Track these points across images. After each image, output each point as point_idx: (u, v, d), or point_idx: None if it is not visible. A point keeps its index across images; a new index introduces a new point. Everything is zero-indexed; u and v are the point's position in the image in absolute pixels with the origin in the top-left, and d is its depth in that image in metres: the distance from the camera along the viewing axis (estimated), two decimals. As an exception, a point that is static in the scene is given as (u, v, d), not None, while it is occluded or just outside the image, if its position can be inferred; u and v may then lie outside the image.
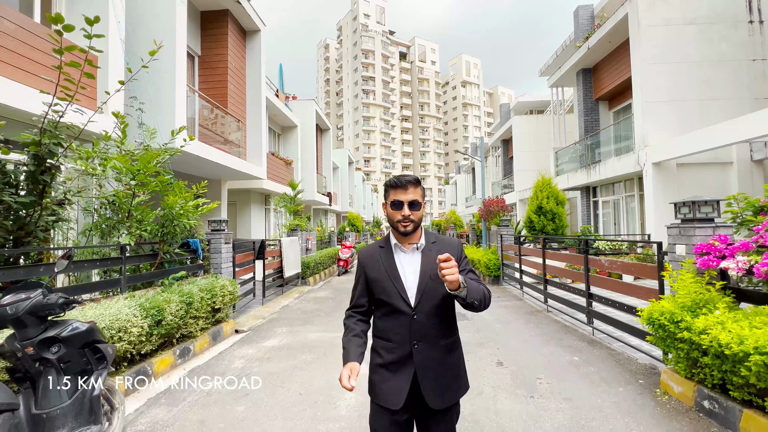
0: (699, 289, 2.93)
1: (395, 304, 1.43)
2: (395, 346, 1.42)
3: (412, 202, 1.43)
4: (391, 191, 1.47)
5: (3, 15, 4.14)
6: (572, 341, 4.75)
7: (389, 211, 1.48)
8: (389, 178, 1.48)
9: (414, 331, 1.41)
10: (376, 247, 1.57)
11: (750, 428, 2.43)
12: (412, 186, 1.45)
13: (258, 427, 2.85)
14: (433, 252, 1.47)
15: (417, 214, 1.45)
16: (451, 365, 1.46)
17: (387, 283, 1.46)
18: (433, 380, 1.40)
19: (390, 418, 1.41)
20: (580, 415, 2.92)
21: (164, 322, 3.94)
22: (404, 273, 1.46)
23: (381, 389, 1.42)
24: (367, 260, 1.55)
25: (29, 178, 2.82)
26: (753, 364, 2.26)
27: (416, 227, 1.47)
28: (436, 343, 1.43)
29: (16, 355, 2.19)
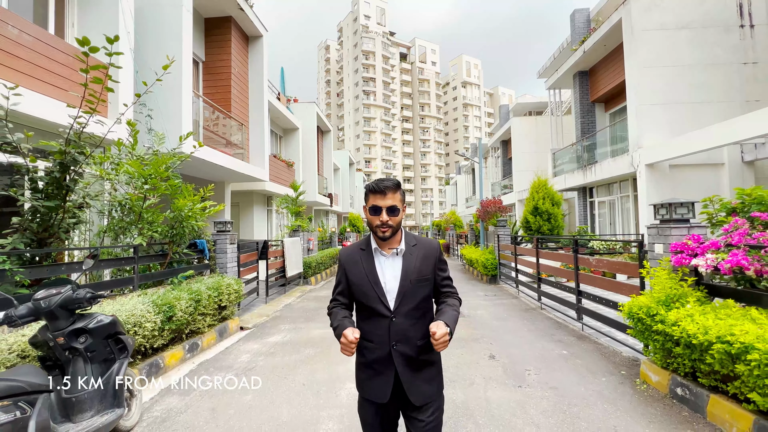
0: (673, 285, 3.15)
1: (375, 307, 1.47)
2: (376, 346, 1.47)
3: (390, 207, 1.45)
4: (371, 196, 1.48)
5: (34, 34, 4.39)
6: (562, 336, 4.98)
7: (368, 216, 1.50)
8: (369, 183, 1.54)
9: (393, 333, 1.45)
10: (357, 249, 1.58)
11: (716, 411, 2.65)
12: (391, 191, 1.46)
13: (265, 413, 3.08)
14: (414, 255, 1.51)
15: (395, 219, 1.46)
16: (431, 361, 1.50)
17: (367, 287, 1.49)
18: (412, 377, 1.45)
19: (376, 409, 1.50)
20: (563, 402, 3.14)
21: (175, 318, 4.18)
22: (384, 277, 1.49)
23: (367, 385, 1.51)
24: (347, 263, 1.57)
25: (54, 184, 3.06)
26: (716, 352, 2.49)
27: (395, 232, 1.49)
28: (414, 343, 1.46)
29: (48, 345, 2.43)
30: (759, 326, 2.37)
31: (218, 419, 3.01)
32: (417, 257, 1.51)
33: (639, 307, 3.28)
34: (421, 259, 1.52)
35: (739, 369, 2.37)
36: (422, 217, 77.05)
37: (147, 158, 4.79)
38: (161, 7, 6.75)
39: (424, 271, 1.51)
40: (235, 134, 9.58)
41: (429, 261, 1.53)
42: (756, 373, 2.25)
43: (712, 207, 3.58)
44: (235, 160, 8.77)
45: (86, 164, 3.30)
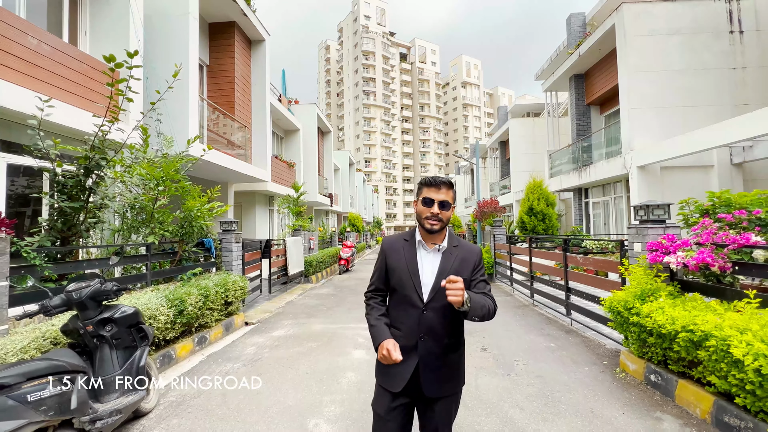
0: (648, 281, 3.42)
1: (409, 295, 1.51)
2: (403, 335, 1.51)
3: (442, 202, 1.50)
4: (425, 188, 1.53)
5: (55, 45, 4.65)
6: (552, 330, 5.24)
7: (419, 207, 1.53)
8: (424, 177, 1.55)
9: (422, 325, 1.49)
10: (401, 239, 1.63)
11: (683, 395, 2.92)
12: (446, 187, 1.52)
13: (272, 397, 3.34)
14: (453, 255, 1.55)
15: (446, 214, 1.51)
16: (452, 362, 1.54)
17: (405, 275, 1.53)
18: (432, 372, 1.49)
19: (390, 401, 1.51)
20: (547, 388, 3.41)
21: (185, 312, 4.44)
22: (423, 270, 1.53)
23: (385, 372, 1.54)
24: (389, 249, 1.62)
25: (77, 186, 3.32)
26: (681, 340, 2.76)
27: (442, 227, 1.54)
28: (441, 339, 1.50)
29: (78, 332, 2.69)
30: (718, 316, 2.64)
31: (229, 403, 3.27)
32: (456, 258, 1.55)
33: (618, 302, 3.55)
34: (459, 261, 1.55)
35: (701, 355, 2.64)
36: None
37: (157, 161, 5.05)
38: (169, 15, 7.01)
39: (462, 272, 1.52)
40: (238, 136, 9.84)
41: (467, 264, 1.56)
42: (714, 357, 2.52)
43: (688, 209, 3.84)
44: (239, 161, 9.03)
45: (107, 168, 3.56)
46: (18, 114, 4.23)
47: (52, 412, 1.93)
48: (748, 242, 2.74)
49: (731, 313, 2.66)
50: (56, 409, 1.96)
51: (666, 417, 2.82)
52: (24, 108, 4.17)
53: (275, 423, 2.90)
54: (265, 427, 2.85)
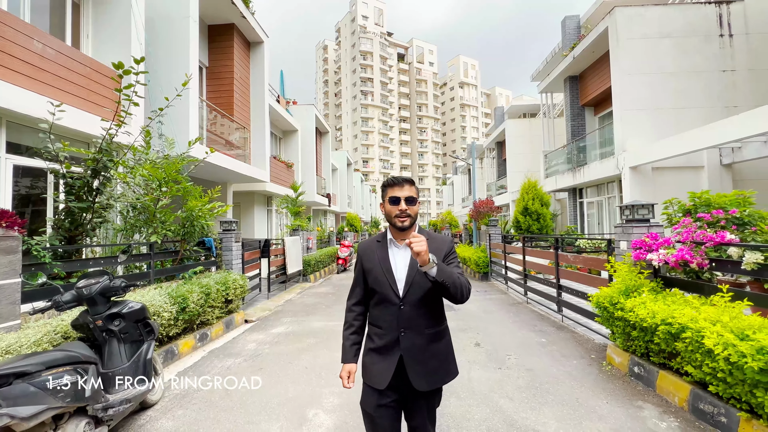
0: (632, 277, 3.58)
1: (385, 293, 1.55)
2: (384, 332, 1.55)
3: (408, 197, 1.55)
4: (388, 189, 1.59)
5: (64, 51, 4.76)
6: (544, 327, 5.41)
7: (387, 207, 1.58)
8: (386, 179, 1.61)
9: (401, 320, 1.53)
10: (374, 242, 1.69)
11: (663, 385, 3.08)
12: (408, 184, 1.58)
13: (273, 390, 3.48)
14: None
15: (413, 209, 1.57)
16: (437, 352, 1.56)
17: (379, 274, 1.58)
18: (418, 365, 1.51)
19: (377, 399, 1.54)
20: (536, 380, 3.56)
21: (188, 309, 4.57)
22: (396, 266, 1.58)
23: (370, 370, 1.58)
24: (364, 252, 1.69)
25: (85, 187, 3.45)
26: (661, 332, 2.92)
27: (412, 223, 1.59)
28: (422, 331, 1.53)
29: (88, 327, 2.83)
30: (694, 310, 2.80)
31: (231, 396, 3.40)
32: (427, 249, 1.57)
33: (604, 298, 3.71)
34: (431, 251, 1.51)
35: (679, 346, 2.80)
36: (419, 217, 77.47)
37: (159, 162, 5.18)
38: (169, 18, 7.13)
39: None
40: (237, 137, 9.96)
41: (439, 253, 1.58)
42: (690, 348, 2.68)
43: (672, 208, 4.01)
44: (238, 162, 9.15)
45: (114, 170, 3.69)
46: (24, 116, 4.35)
47: (68, 398, 2.06)
48: (723, 240, 2.90)
49: (707, 306, 2.82)
50: (72, 396, 2.09)
51: (647, 406, 2.98)
52: (30, 111, 4.29)
53: (276, 413, 3.04)
54: (266, 416, 2.99)
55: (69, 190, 3.38)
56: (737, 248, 2.85)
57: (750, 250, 2.73)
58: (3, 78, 4.13)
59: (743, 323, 2.40)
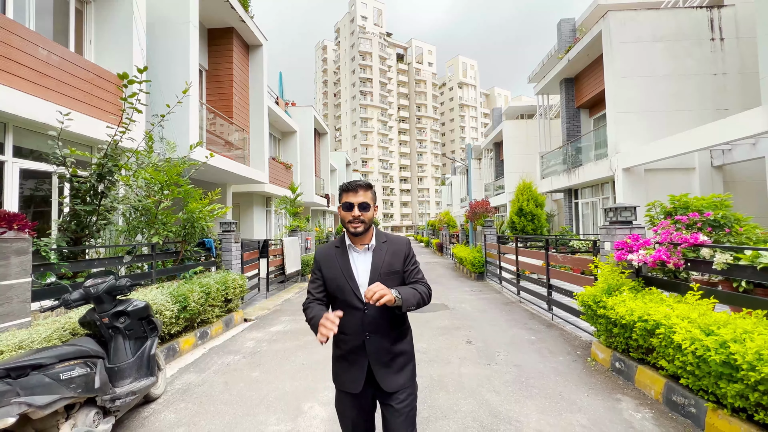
0: (615, 277, 3.74)
1: (349, 300, 1.56)
2: (350, 337, 1.56)
3: (361, 204, 1.56)
4: (343, 194, 1.59)
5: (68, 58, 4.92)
6: (534, 325, 5.57)
7: (341, 212, 1.59)
8: (342, 183, 1.62)
9: (366, 324, 1.54)
10: (332, 247, 1.68)
11: (641, 378, 3.24)
12: (363, 189, 1.58)
13: (271, 385, 3.64)
14: (383, 251, 1.63)
15: (367, 215, 1.57)
16: (402, 351, 1.60)
17: (341, 281, 1.58)
18: (385, 366, 1.55)
19: (352, 400, 1.59)
20: (523, 375, 3.72)
21: (188, 308, 4.72)
22: (357, 271, 1.58)
23: (342, 376, 1.60)
24: (323, 260, 1.66)
25: (91, 191, 3.60)
26: (638, 329, 3.08)
27: (367, 228, 1.60)
28: (387, 333, 1.56)
29: (95, 324, 2.98)
30: (668, 307, 2.96)
31: (231, 390, 3.56)
32: (387, 252, 1.62)
33: (588, 296, 3.87)
34: (390, 254, 1.62)
35: (654, 342, 2.96)
36: (419, 217, 77.69)
37: (161, 165, 5.33)
38: (170, 23, 7.27)
39: (394, 265, 1.61)
40: (236, 138, 10.11)
41: (398, 256, 1.63)
42: (663, 343, 2.84)
43: (654, 210, 4.17)
44: (237, 163, 9.30)
45: (118, 174, 3.85)
46: (29, 122, 4.51)
47: (80, 389, 2.22)
48: (696, 241, 3.07)
49: (681, 304, 2.99)
50: (83, 387, 2.25)
51: (624, 398, 3.14)
52: (36, 116, 4.45)
53: (273, 406, 3.20)
54: (264, 409, 3.14)
55: (75, 193, 3.54)
56: (709, 249, 3.01)
57: (720, 251, 2.89)
58: (10, 85, 4.28)
59: (710, 319, 2.56)
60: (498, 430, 2.73)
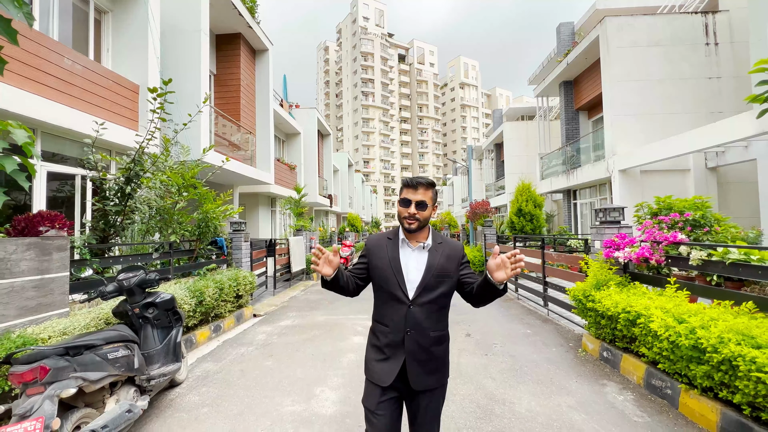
0: (603, 273, 4.03)
1: (395, 293, 1.55)
2: (390, 330, 1.55)
3: (419, 202, 1.55)
4: (404, 189, 1.59)
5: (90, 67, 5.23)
6: (530, 320, 5.85)
7: (398, 207, 1.58)
8: (405, 178, 1.60)
9: (409, 320, 1.53)
10: (384, 238, 1.68)
11: (625, 366, 3.53)
12: (423, 187, 1.56)
13: (283, 373, 3.94)
14: (439, 252, 1.60)
15: (423, 214, 1.56)
16: (437, 355, 1.58)
17: (389, 273, 1.57)
18: (419, 366, 1.53)
19: (380, 395, 1.56)
20: (518, 364, 4.01)
21: (204, 303, 5.03)
22: (407, 267, 1.57)
23: (374, 367, 1.59)
24: (373, 248, 1.67)
25: (119, 192, 3.90)
26: (622, 320, 3.36)
27: (421, 226, 1.59)
28: (427, 333, 1.54)
29: (127, 314, 3.28)
30: (649, 300, 3.25)
31: (247, 377, 3.86)
32: (442, 254, 1.60)
33: (579, 291, 4.16)
34: (445, 257, 1.60)
35: (636, 331, 3.24)
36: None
37: (176, 168, 5.63)
38: (182, 31, 7.59)
39: (448, 268, 1.59)
40: (243, 141, 10.43)
41: (453, 260, 1.61)
42: (643, 332, 3.12)
43: (642, 211, 4.45)
44: (245, 165, 9.61)
45: (144, 177, 4.16)
46: (55, 127, 4.82)
47: (123, 368, 2.52)
48: (675, 239, 3.34)
49: (661, 297, 3.27)
50: (125, 367, 2.55)
51: (610, 384, 3.43)
52: (61, 122, 4.76)
53: (287, 390, 3.49)
54: (279, 393, 3.44)
55: (104, 195, 3.84)
56: (686, 247, 3.29)
57: (695, 249, 3.17)
58: (39, 93, 4.60)
59: (683, 309, 2.84)
60: (492, 410, 3.02)
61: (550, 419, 2.84)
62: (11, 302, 2.79)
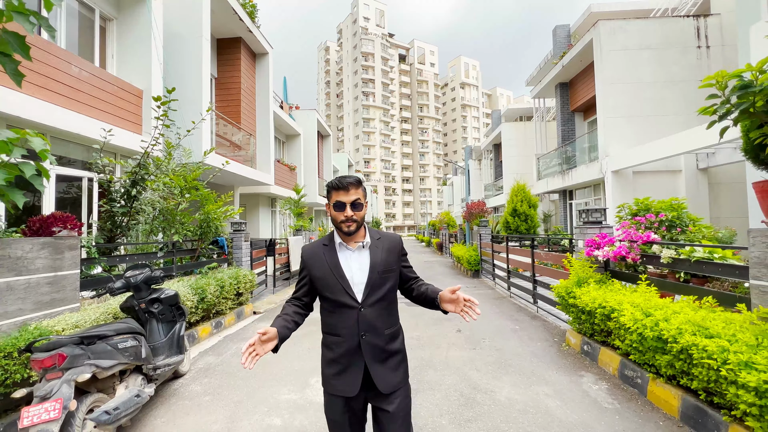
0: (585, 270, 4.24)
1: (341, 299, 1.49)
2: (344, 339, 1.50)
3: (354, 202, 1.49)
4: (333, 193, 1.51)
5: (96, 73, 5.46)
6: (520, 317, 6.06)
7: (332, 212, 1.53)
8: (331, 180, 1.53)
9: (362, 324, 1.48)
10: (320, 246, 1.60)
11: (603, 358, 3.74)
12: (353, 187, 1.51)
13: (281, 365, 4.16)
14: (379, 248, 1.58)
15: (359, 214, 1.51)
16: (396, 349, 1.55)
17: (332, 281, 1.51)
18: (381, 366, 1.50)
19: (343, 405, 1.51)
20: (503, 357, 4.22)
21: (206, 300, 5.25)
22: (350, 270, 1.52)
23: (336, 380, 1.51)
24: (309, 259, 1.59)
25: (125, 195, 4.13)
26: (599, 315, 3.57)
27: (359, 226, 1.54)
28: (381, 332, 1.51)
29: (134, 308, 3.50)
30: (622, 295, 3.46)
31: (246, 369, 4.07)
32: (383, 250, 1.59)
33: (562, 288, 4.37)
34: (386, 252, 1.58)
35: (611, 325, 3.45)
36: (421, 217, 78.19)
37: (179, 170, 5.86)
38: (184, 37, 7.82)
39: (390, 262, 1.58)
40: (244, 143, 10.65)
41: (393, 253, 1.60)
42: (617, 326, 3.33)
43: (623, 212, 4.66)
44: (245, 167, 9.84)
45: (149, 180, 4.39)
46: (63, 132, 5.05)
47: (131, 357, 2.74)
48: (648, 239, 3.55)
49: (635, 293, 3.48)
50: (134, 356, 2.77)
51: (587, 374, 3.64)
52: (69, 127, 4.99)
53: (284, 380, 3.72)
54: (276, 383, 3.66)
55: (111, 197, 4.07)
56: (658, 246, 3.50)
57: (666, 248, 3.38)
58: (48, 100, 4.83)
59: (651, 304, 3.05)
60: (474, 398, 3.24)
61: (527, 406, 3.05)
62: (28, 297, 3.02)
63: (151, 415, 3.02)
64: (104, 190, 4.23)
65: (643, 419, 2.78)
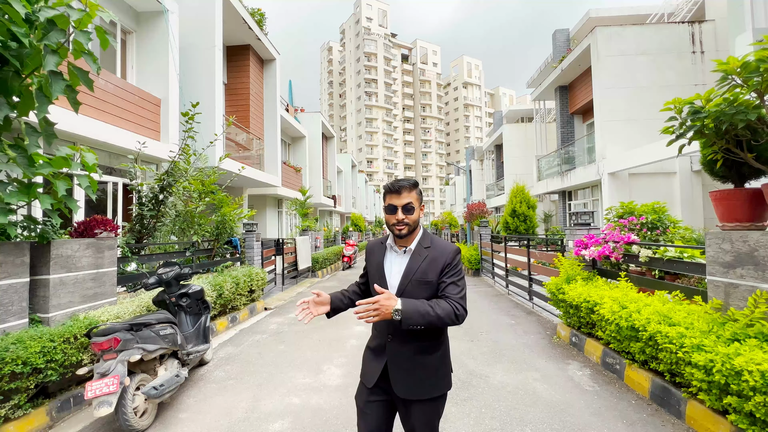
0: (573, 268, 4.61)
1: None
2: (377, 334, 1.59)
3: (405, 206, 1.49)
4: (387, 196, 1.53)
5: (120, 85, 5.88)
6: (516, 312, 6.44)
7: (385, 215, 1.56)
8: (387, 183, 1.56)
9: (390, 326, 1.49)
10: (378, 243, 1.68)
11: (588, 348, 4.11)
12: (406, 190, 1.50)
13: (295, 354, 4.56)
14: (422, 256, 1.53)
15: (411, 217, 1.50)
16: (426, 364, 1.48)
17: (375, 278, 1.58)
18: (400, 373, 1.48)
19: (367, 395, 1.56)
20: (498, 348, 4.60)
21: (223, 295, 5.67)
22: (390, 272, 1.56)
23: (364, 366, 1.62)
24: (369, 254, 1.71)
25: (154, 199, 4.55)
26: (584, 308, 3.95)
27: (411, 230, 1.53)
28: (409, 341, 1.47)
29: (165, 302, 3.91)
30: (604, 291, 3.83)
31: (264, 358, 4.49)
32: (425, 259, 1.52)
33: (553, 285, 4.74)
34: (428, 262, 1.51)
35: (594, 318, 3.83)
36: (423, 217, 78.50)
37: (195, 175, 6.28)
38: (197, 47, 8.23)
39: (429, 274, 1.49)
40: (252, 146, 11.07)
41: (436, 265, 1.50)
42: (599, 318, 3.71)
43: (611, 214, 5.01)
44: (255, 170, 10.25)
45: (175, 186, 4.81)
46: (91, 140, 5.47)
47: (170, 343, 3.15)
48: (628, 240, 3.92)
49: (615, 289, 3.85)
50: (172, 342, 3.18)
51: (573, 363, 4.01)
52: (98, 136, 5.41)
53: (299, 367, 4.12)
54: (292, 369, 4.06)
55: (141, 201, 4.49)
56: (637, 246, 3.86)
57: (644, 248, 3.74)
58: (81, 112, 5.24)
59: (628, 298, 3.42)
60: (470, 382, 3.62)
61: (517, 388, 3.44)
62: (76, 291, 3.43)
63: (185, 395, 3.43)
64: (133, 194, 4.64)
65: (618, 399, 3.16)
